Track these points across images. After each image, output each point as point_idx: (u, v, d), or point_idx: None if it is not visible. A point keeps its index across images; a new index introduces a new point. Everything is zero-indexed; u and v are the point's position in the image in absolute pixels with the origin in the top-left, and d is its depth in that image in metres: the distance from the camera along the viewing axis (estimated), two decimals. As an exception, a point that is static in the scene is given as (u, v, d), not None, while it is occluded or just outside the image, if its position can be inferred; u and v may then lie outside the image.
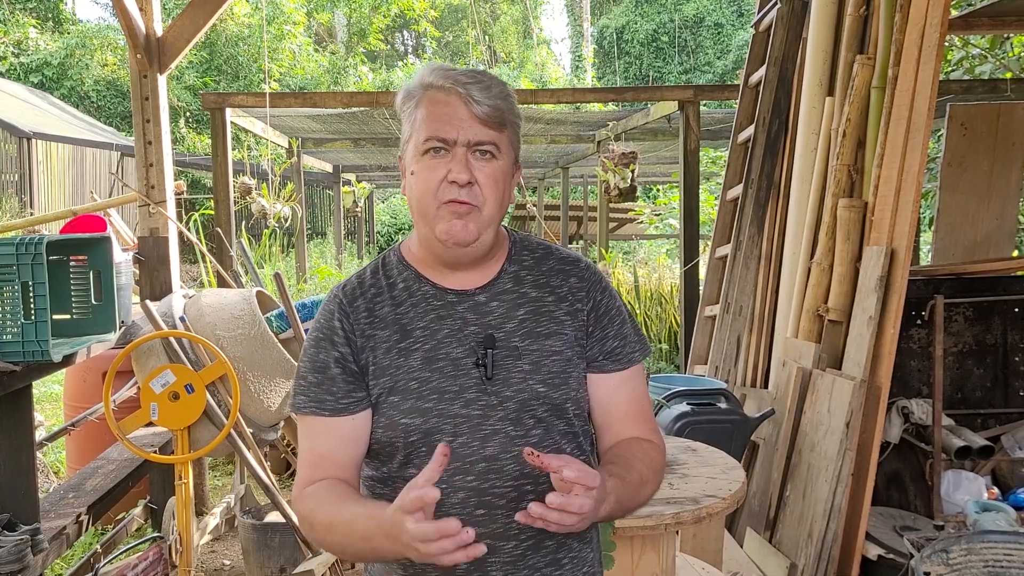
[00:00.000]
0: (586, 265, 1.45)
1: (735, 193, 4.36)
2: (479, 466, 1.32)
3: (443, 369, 1.32)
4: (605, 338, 1.42)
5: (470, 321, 1.35)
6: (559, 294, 1.40)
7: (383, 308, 1.36)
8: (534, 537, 1.34)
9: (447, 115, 1.28)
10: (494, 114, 1.29)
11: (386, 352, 1.33)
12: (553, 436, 1.36)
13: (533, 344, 1.36)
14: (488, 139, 1.30)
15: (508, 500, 1.32)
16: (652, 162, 10.80)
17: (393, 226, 19.13)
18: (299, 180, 8.57)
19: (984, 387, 3.66)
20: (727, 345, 4.10)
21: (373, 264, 1.43)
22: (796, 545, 3.12)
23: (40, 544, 2.66)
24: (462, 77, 1.29)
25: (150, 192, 4.15)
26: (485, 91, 1.28)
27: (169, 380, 3.27)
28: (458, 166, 1.28)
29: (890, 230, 3.09)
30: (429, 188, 1.29)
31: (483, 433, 1.32)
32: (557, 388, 1.36)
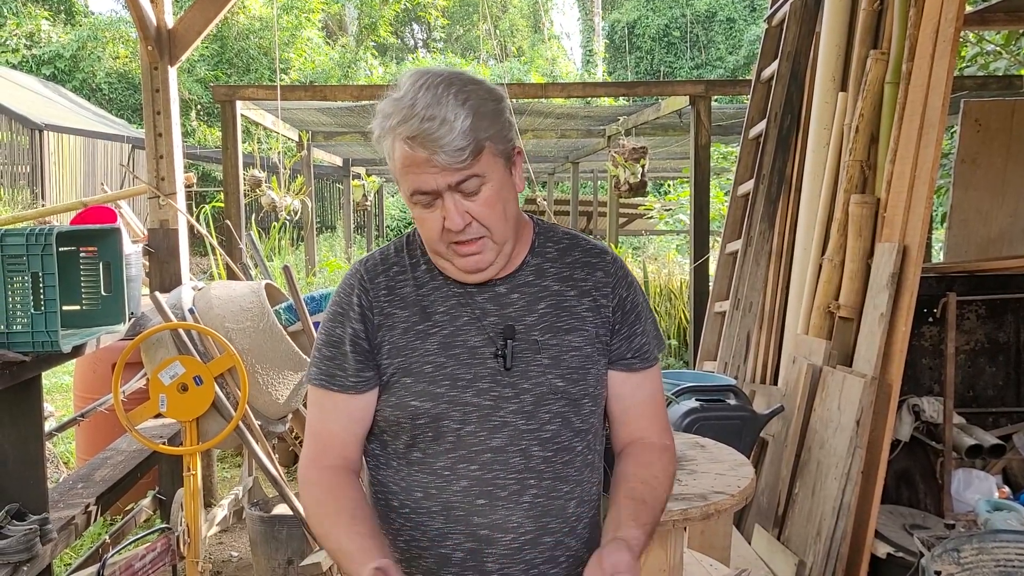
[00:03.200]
0: (612, 258, 1.44)
1: (746, 189, 4.34)
2: (484, 456, 1.32)
3: (459, 356, 1.32)
4: (633, 335, 1.41)
5: (490, 311, 1.34)
6: (582, 288, 1.39)
7: (404, 287, 1.36)
8: (532, 532, 1.33)
9: (419, 167, 1.24)
10: (463, 155, 1.23)
11: (403, 332, 1.33)
12: (566, 432, 1.36)
13: (553, 339, 1.35)
14: (466, 176, 1.25)
15: (510, 492, 1.32)
16: (662, 157, 10.77)
17: (403, 220, 19.14)
18: (309, 173, 8.58)
19: (996, 385, 3.64)
20: (737, 341, 4.08)
21: (398, 241, 1.42)
22: (805, 542, 3.11)
23: (49, 534, 2.67)
24: (424, 125, 1.21)
25: (160, 184, 4.16)
26: (448, 133, 1.21)
27: (178, 372, 3.27)
28: (450, 214, 1.25)
29: (902, 227, 3.06)
30: (433, 235, 1.29)
31: (492, 424, 1.31)
32: (576, 383, 1.35)
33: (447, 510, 1.33)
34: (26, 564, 2.55)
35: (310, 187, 8.29)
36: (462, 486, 1.32)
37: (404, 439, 1.35)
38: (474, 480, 1.32)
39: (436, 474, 1.33)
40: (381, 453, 1.40)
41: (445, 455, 1.32)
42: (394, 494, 1.38)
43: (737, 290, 4.15)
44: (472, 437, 1.31)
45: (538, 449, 1.33)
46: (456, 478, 1.32)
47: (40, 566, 2.66)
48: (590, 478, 1.43)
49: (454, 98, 1.23)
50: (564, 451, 1.36)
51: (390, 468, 1.39)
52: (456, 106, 1.22)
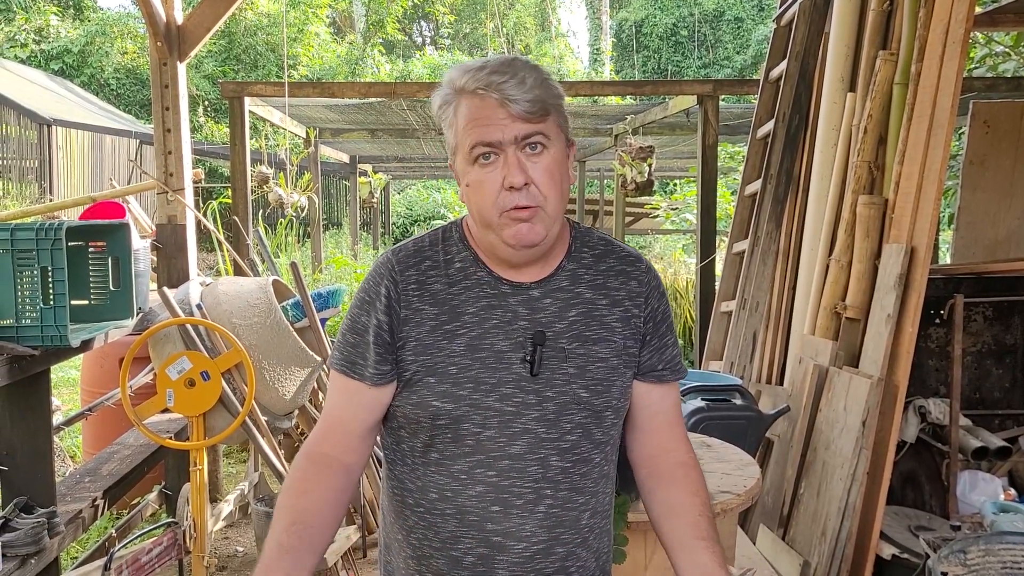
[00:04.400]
0: (647, 268, 1.42)
1: (753, 188, 4.33)
2: (502, 463, 1.30)
3: (485, 359, 1.30)
4: (664, 347, 1.41)
5: (520, 316, 1.32)
6: (614, 298, 1.37)
7: (435, 284, 1.33)
8: (545, 542, 1.32)
9: (486, 118, 1.24)
10: (533, 107, 1.24)
11: (431, 331, 1.31)
12: (586, 443, 1.35)
13: (580, 348, 1.33)
14: (534, 131, 1.25)
15: (526, 501, 1.31)
16: (669, 156, 10.76)
17: (409, 217, 19.14)
18: (316, 170, 8.59)
19: (1002, 387, 3.63)
20: (743, 341, 4.08)
21: (433, 234, 1.40)
22: (810, 543, 3.11)
23: (56, 527, 2.69)
24: (494, 77, 1.24)
25: (168, 180, 4.18)
26: (519, 85, 1.24)
27: (185, 367, 3.29)
28: (512, 169, 1.24)
29: (910, 228, 3.06)
30: (488, 199, 1.27)
31: (512, 430, 1.30)
32: (600, 395, 1.34)
33: (461, 514, 1.32)
34: (34, 557, 2.57)
35: (317, 184, 8.31)
36: (478, 491, 1.31)
37: (422, 438, 1.34)
38: (490, 486, 1.31)
39: (452, 476, 1.32)
40: (398, 449, 1.39)
41: (463, 458, 1.31)
42: (409, 492, 1.37)
43: (744, 290, 4.15)
44: (491, 442, 1.30)
45: (557, 459, 1.32)
46: (472, 482, 1.31)
47: (48, 559, 2.67)
48: (604, 489, 1.42)
49: (524, 63, 1.27)
50: (582, 462, 1.35)
51: (406, 465, 1.38)
52: (527, 69, 1.26)
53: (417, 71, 20.09)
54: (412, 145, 10.29)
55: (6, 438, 2.70)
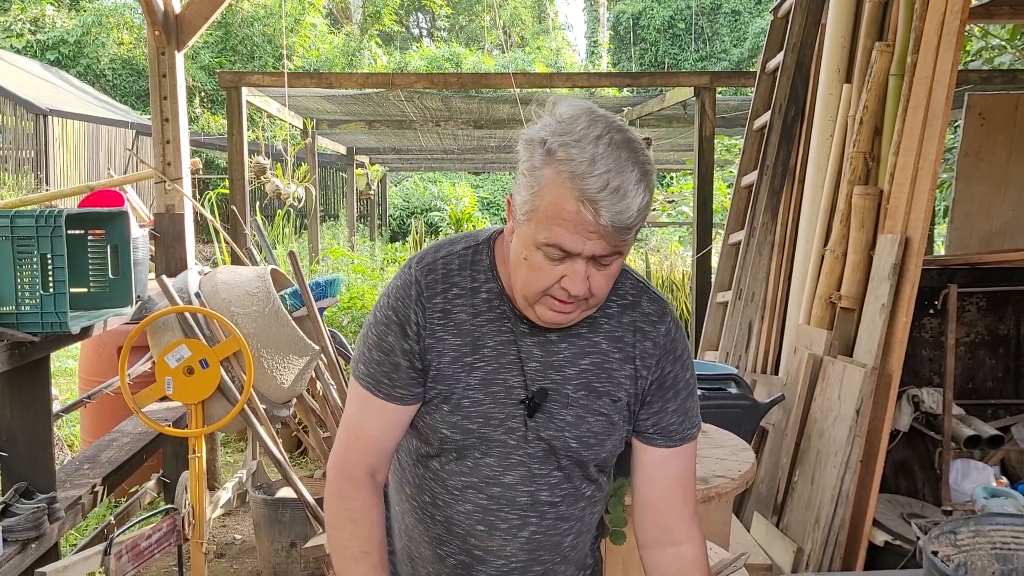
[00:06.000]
0: (667, 329, 1.37)
1: (750, 180, 4.35)
2: (494, 489, 1.34)
3: (496, 395, 1.31)
4: (664, 412, 1.37)
5: (535, 356, 1.31)
6: (628, 354, 1.34)
7: (461, 314, 1.30)
8: (524, 562, 1.37)
9: (575, 225, 1.15)
10: (628, 232, 1.17)
11: (452, 362, 1.30)
12: (573, 481, 1.38)
13: (585, 398, 1.33)
14: (614, 252, 1.19)
15: (510, 526, 1.35)
16: (666, 149, 10.76)
17: (405, 210, 19.13)
18: (313, 161, 8.59)
19: (996, 377, 3.66)
20: (738, 331, 4.11)
21: (463, 255, 1.33)
22: (803, 530, 3.14)
23: (56, 512, 2.71)
24: (602, 195, 1.13)
25: (166, 169, 4.18)
26: (623, 211, 1.14)
27: (184, 355, 3.30)
28: (577, 280, 1.19)
29: (905, 218, 3.08)
30: (540, 285, 1.21)
31: (509, 461, 1.33)
32: (589, 448, 1.35)
33: (449, 522, 1.37)
34: (34, 542, 2.59)
35: (314, 175, 8.31)
36: (467, 509, 1.35)
37: (427, 449, 1.37)
38: (480, 507, 1.35)
39: (447, 489, 1.36)
40: (405, 442, 1.42)
41: (460, 476, 1.35)
42: (408, 482, 1.43)
43: (740, 280, 4.17)
44: (489, 469, 1.33)
45: (546, 494, 1.36)
46: (464, 500, 1.35)
47: (48, 544, 2.70)
48: (591, 510, 1.44)
49: (634, 168, 1.15)
50: (571, 496, 1.39)
51: (409, 458, 1.42)
52: (637, 180, 1.15)
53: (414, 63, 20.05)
54: (409, 137, 10.29)
55: (6, 424, 2.72)
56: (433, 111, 8.17)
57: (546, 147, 1.17)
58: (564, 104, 1.21)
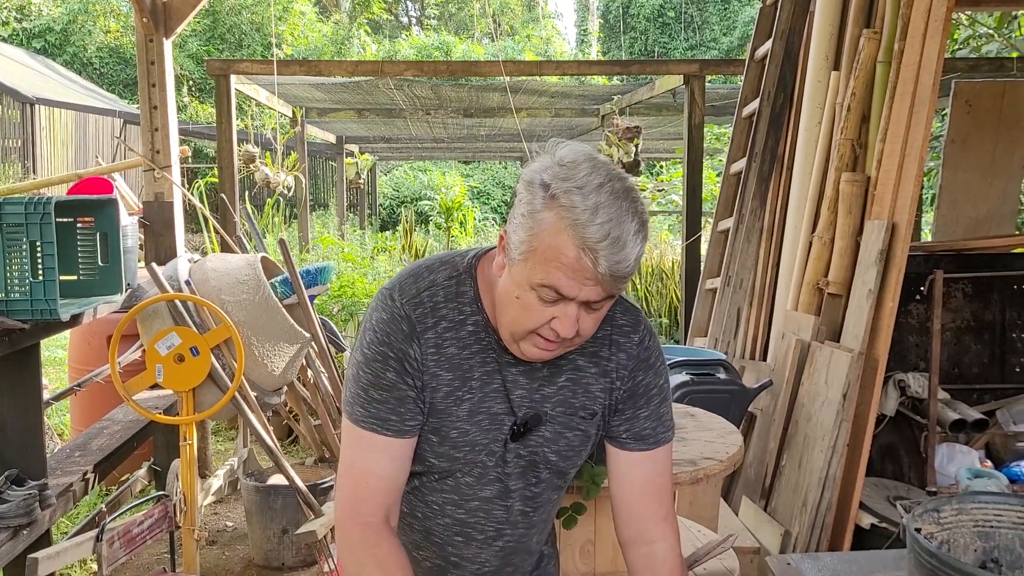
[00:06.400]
0: (640, 339, 1.39)
1: (738, 167, 4.37)
2: (472, 503, 1.38)
3: (481, 423, 1.33)
4: (636, 418, 1.39)
5: (520, 384, 1.33)
6: (603, 367, 1.37)
7: (450, 348, 1.30)
8: (497, 567, 1.43)
9: (573, 272, 1.16)
10: (624, 281, 1.19)
11: (444, 396, 1.31)
12: (549, 492, 1.43)
13: (562, 415, 1.35)
14: (606, 298, 1.21)
15: (486, 536, 1.40)
16: (656, 138, 10.78)
17: (395, 199, 19.10)
18: (302, 150, 8.56)
19: (981, 363, 3.69)
20: (727, 318, 4.13)
21: (446, 286, 1.32)
22: (791, 513, 3.17)
23: (48, 499, 2.71)
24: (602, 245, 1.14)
25: (155, 157, 4.17)
26: (620, 263, 1.15)
27: (174, 342, 3.30)
28: (567, 323, 1.20)
29: (892, 204, 3.10)
30: (529, 324, 1.22)
31: (488, 478, 1.36)
32: (567, 459, 1.39)
33: (427, 532, 1.41)
34: (25, 528, 2.59)
35: (304, 164, 8.29)
36: (445, 522, 1.39)
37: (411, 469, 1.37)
38: (457, 521, 1.39)
39: (426, 504, 1.40)
40: None
41: (440, 493, 1.38)
42: None
43: (728, 267, 4.19)
44: (468, 487, 1.37)
45: (520, 505, 1.40)
46: (442, 515, 1.39)
47: (39, 531, 2.70)
48: (556, 507, 1.51)
49: (634, 219, 1.16)
50: (545, 505, 1.45)
51: None
52: (636, 231, 1.16)
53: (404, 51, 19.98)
54: (399, 125, 10.27)
55: (-3, 411, 2.72)
56: (423, 99, 8.16)
57: (549, 192, 1.16)
58: (565, 148, 1.21)
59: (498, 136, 11.41)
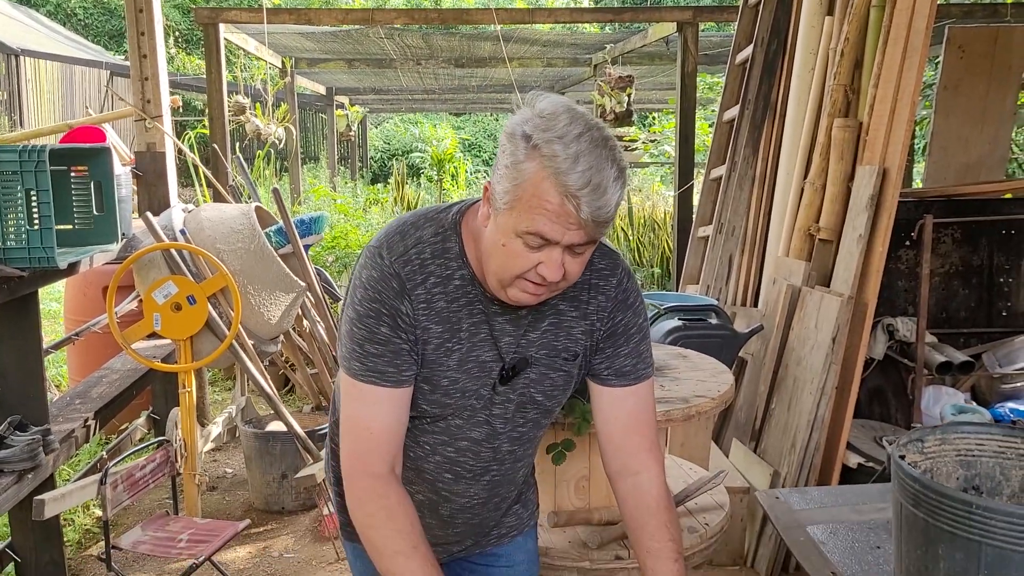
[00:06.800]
0: (618, 281, 1.43)
1: (731, 114, 4.37)
2: (461, 443, 1.43)
3: (471, 371, 1.38)
4: (616, 356, 1.44)
5: (507, 332, 1.38)
6: (584, 311, 1.41)
7: (439, 302, 1.34)
8: (484, 498, 1.51)
9: (557, 217, 1.20)
10: (606, 226, 1.23)
11: (435, 348, 1.35)
12: (535, 431, 1.50)
13: (546, 357, 1.41)
14: (590, 241, 1.25)
15: (474, 474, 1.47)
16: (648, 88, 10.71)
17: (386, 152, 18.97)
18: (293, 101, 8.49)
19: (968, 307, 3.75)
20: (719, 265, 4.17)
21: (433, 243, 1.35)
22: (780, 454, 3.24)
23: (51, 444, 2.76)
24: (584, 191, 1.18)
25: (146, 107, 4.15)
26: (602, 207, 1.19)
27: (171, 291, 3.33)
28: (553, 267, 1.24)
29: (883, 150, 3.12)
30: (516, 269, 1.25)
31: (476, 420, 1.42)
32: (552, 398, 1.45)
33: (419, 471, 1.47)
34: (30, 472, 2.64)
35: (294, 115, 8.22)
36: (436, 461, 1.45)
37: None
38: (447, 459, 1.45)
39: (418, 445, 1.45)
40: None
41: (431, 435, 1.44)
42: None
43: (721, 215, 4.22)
44: (457, 429, 1.43)
45: (507, 445, 1.47)
46: (433, 454, 1.45)
47: (43, 475, 2.75)
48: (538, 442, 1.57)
49: (612, 166, 1.20)
50: (530, 442, 1.52)
51: None
52: (615, 177, 1.20)
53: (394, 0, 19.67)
54: (390, 76, 10.17)
55: (-2, 358, 2.75)
56: (414, 49, 8.07)
57: (531, 142, 1.20)
58: (545, 100, 1.24)
59: (489, 87, 11.31)
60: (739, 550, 3.30)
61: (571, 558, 1.89)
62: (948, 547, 1.25)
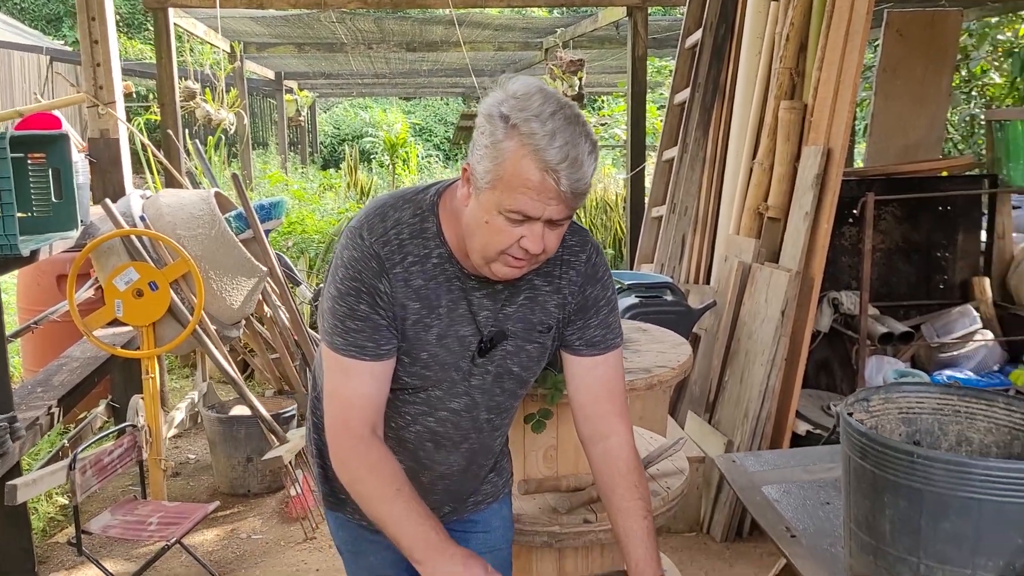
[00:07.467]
0: (588, 257, 1.51)
1: (682, 97, 4.48)
2: (441, 414, 1.51)
3: (450, 345, 1.44)
4: (587, 327, 1.52)
5: (484, 307, 1.45)
6: (556, 285, 1.49)
7: (416, 280, 1.40)
8: (463, 466, 1.59)
9: (538, 193, 1.27)
10: (579, 201, 1.30)
11: (413, 324, 1.41)
12: (512, 401, 1.58)
13: (522, 331, 1.48)
14: (569, 215, 1.32)
15: (454, 443, 1.54)
16: (597, 72, 10.81)
17: (336, 137, 18.82)
18: (242, 87, 8.40)
19: (908, 281, 3.92)
20: (672, 244, 4.29)
21: (411, 223, 1.41)
22: (733, 424, 3.38)
23: (18, 431, 2.76)
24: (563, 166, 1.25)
25: (99, 93, 4.11)
26: (579, 180, 1.27)
27: (132, 278, 3.33)
28: (535, 240, 1.31)
29: (827, 130, 3.26)
30: (499, 245, 1.32)
31: (456, 391, 1.49)
32: (528, 369, 1.53)
33: (400, 440, 1.54)
34: (-1, 459, 2.64)
35: (244, 100, 8.14)
36: (416, 431, 1.52)
37: None
38: (427, 429, 1.52)
39: (400, 415, 1.52)
40: None
41: (412, 405, 1.50)
42: None
43: (673, 195, 4.33)
44: (438, 400, 1.50)
45: (485, 414, 1.54)
46: (414, 424, 1.52)
47: (10, 462, 2.76)
48: (514, 412, 1.64)
49: (586, 141, 1.28)
50: (505, 412, 1.59)
51: None
52: (589, 151, 1.28)
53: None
54: (340, 61, 10.10)
55: (-40, 347, 2.73)
56: (365, 33, 8.04)
57: (509, 122, 1.26)
58: (517, 82, 1.31)
59: (440, 71, 11.31)
60: (695, 517, 3.44)
61: (542, 523, 1.98)
62: (893, 495, 1.36)
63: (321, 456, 1.61)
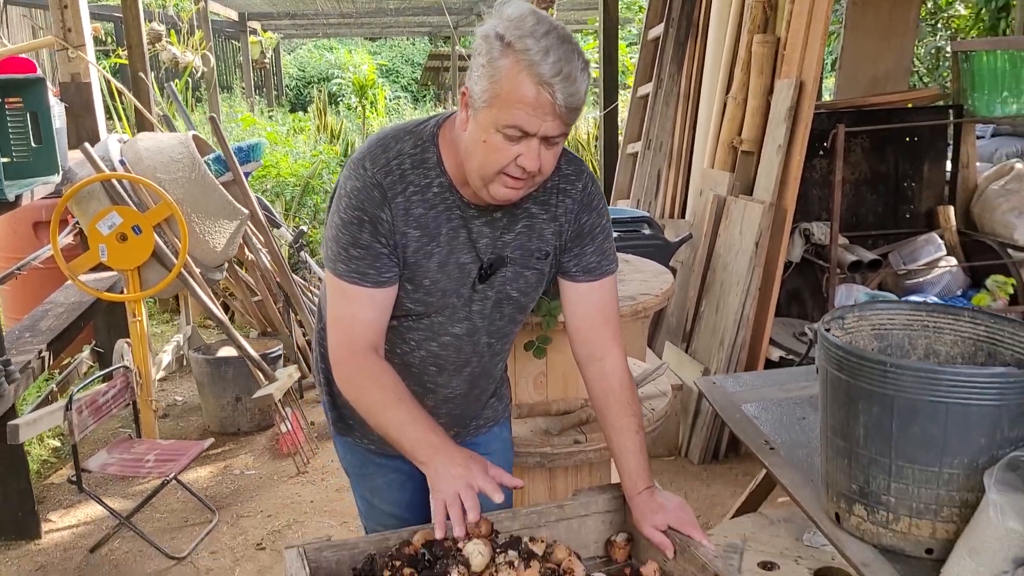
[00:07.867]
0: (583, 185, 1.56)
1: (656, 33, 4.50)
2: (444, 339, 1.57)
3: (451, 272, 1.50)
4: (583, 254, 1.58)
5: (484, 235, 1.50)
6: (553, 213, 1.54)
7: (417, 209, 1.45)
8: (465, 390, 1.66)
9: (534, 110, 1.30)
10: (575, 116, 1.33)
11: (414, 251, 1.47)
12: (512, 326, 1.64)
13: (521, 258, 1.54)
14: (564, 131, 1.35)
15: (456, 366, 1.61)
16: (567, 8, 10.73)
17: (302, 79, 18.49)
18: (207, 28, 8.24)
19: (876, 212, 4.04)
20: (648, 180, 4.36)
21: (413, 154, 1.45)
22: (709, 352, 3.50)
23: (12, 375, 2.80)
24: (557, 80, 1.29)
25: (68, 36, 4.04)
26: (574, 94, 1.31)
27: (116, 222, 3.34)
28: (531, 157, 1.34)
29: (799, 63, 3.32)
30: (497, 164, 1.35)
31: (458, 317, 1.55)
32: (527, 295, 1.59)
33: (405, 365, 1.60)
34: (-5, 402, 2.69)
35: (210, 42, 8.00)
36: (420, 356, 1.59)
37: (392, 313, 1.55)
38: (431, 354, 1.59)
39: (404, 341, 1.58)
40: None
41: (416, 331, 1.57)
42: None
43: (648, 131, 4.39)
44: (440, 326, 1.56)
45: (486, 338, 1.61)
46: (419, 349, 1.59)
47: (6, 405, 2.81)
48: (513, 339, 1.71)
49: (579, 58, 1.31)
50: (505, 337, 1.66)
51: None
52: (582, 68, 1.32)
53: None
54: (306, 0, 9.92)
55: (-50, 293, 2.75)
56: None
57: (505, 41, 1.31)
58: (510, 6, 1.35)
59: (408, 10, 11.14)
60: (674, 442, 3.58)
61: (535, 445, 2.08)
62: (866, 403, 1.47)
63: (328, 384, 1.68)
